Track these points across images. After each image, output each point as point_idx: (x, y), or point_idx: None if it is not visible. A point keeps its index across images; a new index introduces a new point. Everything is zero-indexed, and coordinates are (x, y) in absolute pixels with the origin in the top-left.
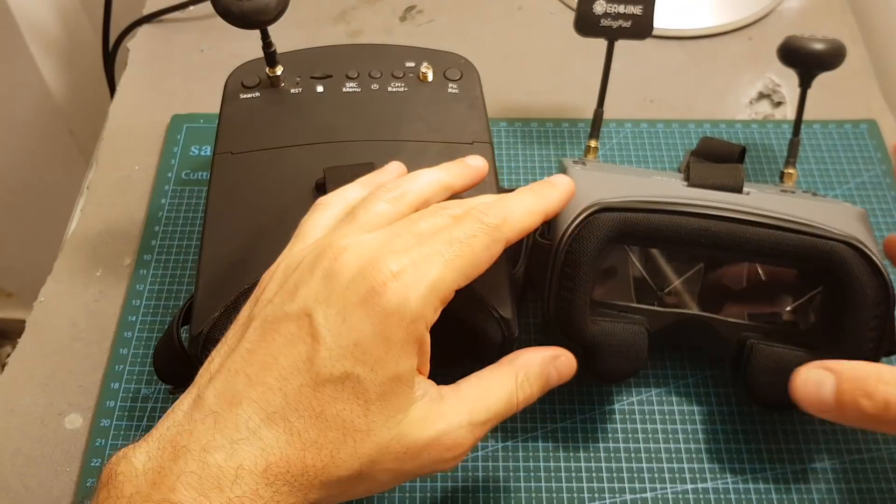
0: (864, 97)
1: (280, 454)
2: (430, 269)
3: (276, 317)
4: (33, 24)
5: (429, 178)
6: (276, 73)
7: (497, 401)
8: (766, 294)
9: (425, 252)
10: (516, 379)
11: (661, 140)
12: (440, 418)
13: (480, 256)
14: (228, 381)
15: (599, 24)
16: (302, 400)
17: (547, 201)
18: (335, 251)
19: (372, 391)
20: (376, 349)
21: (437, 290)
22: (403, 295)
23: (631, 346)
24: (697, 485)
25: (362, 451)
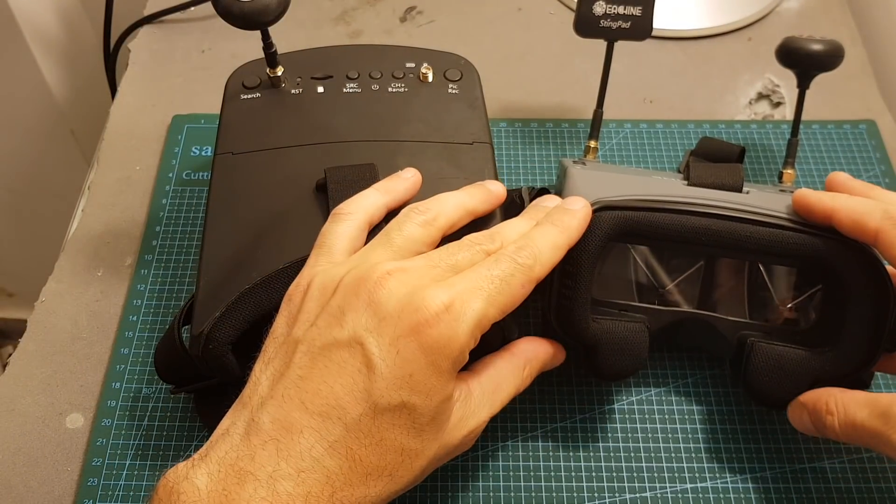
0: (863, 98)
1: (345, 480)
2: (475, 303)
3: (327, 343)
4: (34, 24)
5: (455, 202)
6: (277, 74)
7: (508, 394)
8: (766, 292)
9: (468, 286)
10: (523, 372)
11: (661, 140)
12: (472, 417)
13: (517, 293)
14: (283, 407)
15: (599, 25)
16: (362, 429)
17: (571, 233)
18: (378, 276)
19: (426, 416)
20: (429, 380)
21: (481, 324)
22: (453, 329)
23: (631, 345)
24: (697, 484)
25: (417, 466)
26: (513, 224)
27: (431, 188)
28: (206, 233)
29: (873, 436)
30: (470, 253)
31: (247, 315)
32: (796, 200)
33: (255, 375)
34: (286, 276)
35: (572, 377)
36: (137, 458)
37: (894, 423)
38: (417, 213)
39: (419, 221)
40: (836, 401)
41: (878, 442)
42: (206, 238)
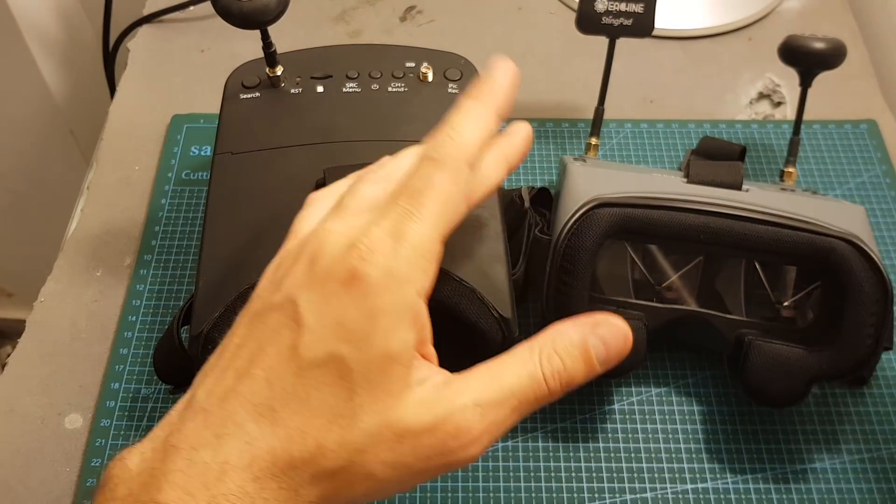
0: (864, 97)
1: (266, 446)
2: (404, 230)
3: (262, 308)
4: (33, 24)
5: (413, 154)
6: (277, 74)
7: (514, 378)
8: (764, 290)
9: (393, 216)
10: (540, 352)
11: (661, 140)
12: (441, 402)
13: (450, 196)
14: (218, 377)
15: (601, 22)
16: (287, 387)
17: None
18: (319, 238)
19: (358, 372)
20: (361, 326)
21: (419, 249)
22: (384, 264)
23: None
24: (697, 485)
25: (349, 440)
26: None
27: None
28: (206, 233)
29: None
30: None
31: None
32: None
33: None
34: None
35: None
36: None
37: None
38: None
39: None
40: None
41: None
42: (206, 238)
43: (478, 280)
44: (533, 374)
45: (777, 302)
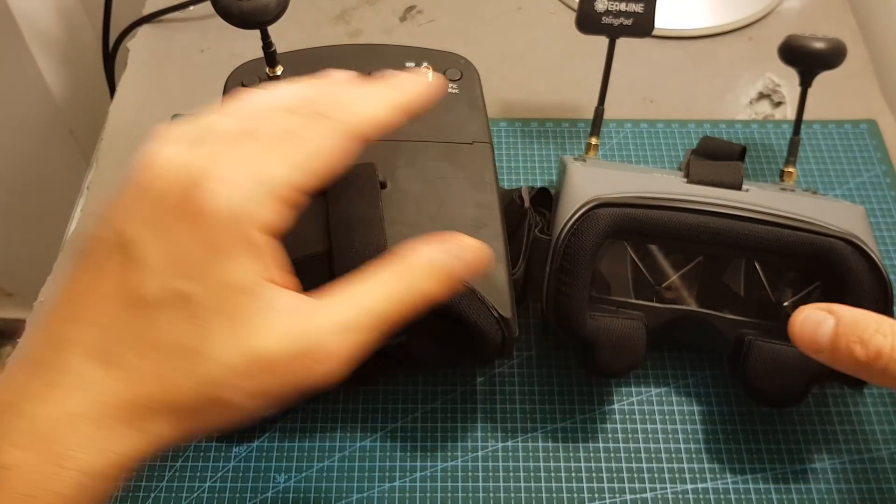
0: (864, 97)
1: (111, 391)
2: (255, 166)
3: (92, 248)
4: (33, 24)
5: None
6: (277, 74)
7: (376, 299)
8: (764, 290)
9: (250, 152)
10: (399, 271)
11: (661, 140)
12: (303, 328)
13: (321, 151)
14: (46, 327)
15: (601, 22)
16: (130, 330)
17: (402, 92)
18: (148, 167)
19: (206, 307)
20: (202, 259)
21: (267, 184)
22: (225, 193)
23: (629, 342)
24: (697, 485)
25: (204, 374)
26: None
27: (431, 189)
28: None
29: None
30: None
31: None
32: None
33: None
34: None
35: (572, 377)
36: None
37: None
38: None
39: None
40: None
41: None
42: None
43: (478, 280)
44: (394, 295)
45: (777, 302)
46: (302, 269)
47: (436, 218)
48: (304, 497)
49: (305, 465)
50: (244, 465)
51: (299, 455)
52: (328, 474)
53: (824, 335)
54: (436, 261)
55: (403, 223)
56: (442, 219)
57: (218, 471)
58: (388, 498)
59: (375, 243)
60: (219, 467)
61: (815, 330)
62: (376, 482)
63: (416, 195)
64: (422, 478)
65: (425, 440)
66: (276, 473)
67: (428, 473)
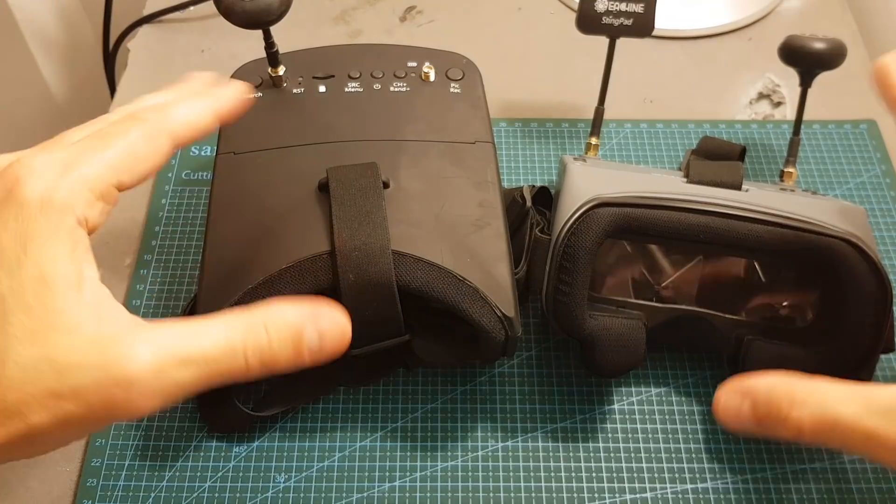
0: (864, 97)
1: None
2: (74, 159)
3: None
4: (33, 24)
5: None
6: (279, 74)
7: (211, 341)
8: (763, 290)
9: (71, 150)
10: (248, 323)
11: (661, 140)
12: (114, 344)
13: (138, 148)
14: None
15: (601, 22)
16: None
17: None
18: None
19: (10, 299)
20: (13, 249)
21: (85, 178)
22: (41, 185)
23: (629, 341)
24: (697, 485)
25: (3, 374)
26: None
27: (434, 188)
28: (208, 233)
29: (867, 438)
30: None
31: None
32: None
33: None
34: (289, 276)
35: (572, 377)
36: (137, 458)
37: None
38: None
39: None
40: (806, 390)
41: (873, 445)
42: (208, 238)
43: (481, 279)
44: (232, 344)
45: (776, 302)
46: (306, 270)
47: (439, 218)
48: (305, 497)
49: (305, 465)
50: (244, 464)
51: (299, 455)
52: (328, 474)
53: (746, 421)
54: (299, 328)
55: (407, 223)
56: (445, 218)
57: (218, 470)
58: (388, 497)
59: (379, 243)
60: (219, 467)
61: (737, 416)
62: (376, 482)
63: (419, 195)
64: (422, 477)
65: (425, 440)
66: (276, 473)
67: (428, 473)
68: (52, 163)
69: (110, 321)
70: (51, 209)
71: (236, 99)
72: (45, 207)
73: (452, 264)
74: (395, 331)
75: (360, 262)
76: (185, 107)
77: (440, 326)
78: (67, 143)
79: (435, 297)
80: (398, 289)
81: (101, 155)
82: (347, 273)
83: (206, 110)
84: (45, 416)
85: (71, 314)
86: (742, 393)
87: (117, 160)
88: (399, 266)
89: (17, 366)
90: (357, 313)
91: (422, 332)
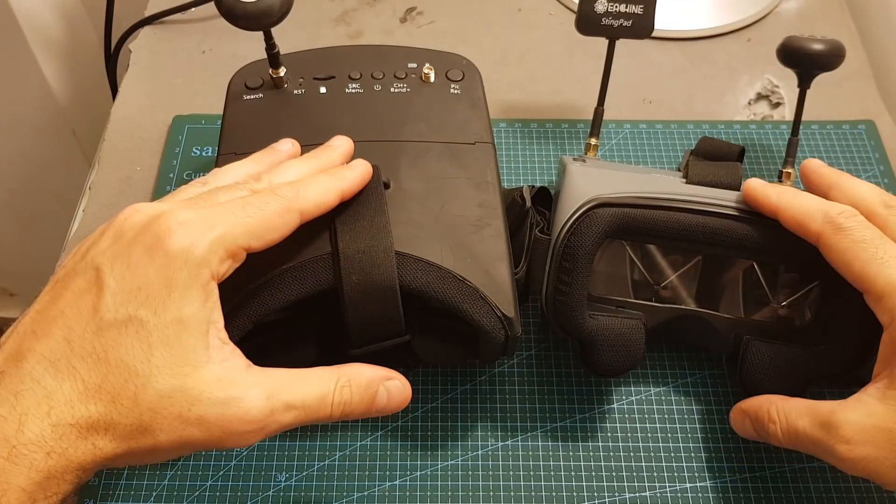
0: (862, 98)
1: (64, 399)
2: (217, 223)
3: (66, 274)
4: (36, 25)
5: (238, 171)
6: (280, 75)
7: (309, 392)
8: (762, 290)
9: (214, 211)
10: (338, 380)
11: (660, 141)
12: (236, 384)
13: (273, 222)
14: (15, 341)
15: (601, 23)
16: (86, 346)
17: (345, 182)
18: (125, 216)
19: (155, 335)
20: (160, 292)
21: (224, 239)
22: (187, 240)
23: (628, 341)
24: (696, 483)
25: (143, 398)
26: (290, 166)
27: (434, 189)
28: None
29: (815, 445)
30: (234, 192)
31: (250, 316)
32: (745, 191)
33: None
34: (289, 276)
35: (572, 377)
36: None
37: (834, 433)
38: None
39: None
40: (778, 409)
41: (820, 451)
42: None
43: (481, 280)
44: (324, 396)
45: (775, 302)
46: (307, 271)
47: (439, 218)
48: (305, 495)
49: (306, 464)
50: (245, 463)
51: (300, 454)
52: (329, 473)
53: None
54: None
55: (407, 223)
56: (445, 219)
57: (219, 469)
58: (388, 496)
59: (383, 246)
60: (220, 466)
61: (743, 429)
62: (377, 481)
63: (419, 195)
64: (422, 476)
65: (425, 439)
66: (276, 472)
67: (428, 472)
68: (197, 220)
69: (231, 364)
70: (192, 261)
71: (361, 183)
72: (188, 259)
73: (452, 265)
74: (395, 331)
75: (364, 264)
76: (317, 187)
77: (440, 326)
78: (213, 202)
79: (435, 297)
80: (399, 289)
81: (240, 221)
82: (350, 275)
83: (334, 193)
84: (171, 436)
85: (200, 354)
86: (742, 413)
87: (253, 227)
88: (400, 267)
89: (156, 392)
90: (358, 314)
91: (422, 332)
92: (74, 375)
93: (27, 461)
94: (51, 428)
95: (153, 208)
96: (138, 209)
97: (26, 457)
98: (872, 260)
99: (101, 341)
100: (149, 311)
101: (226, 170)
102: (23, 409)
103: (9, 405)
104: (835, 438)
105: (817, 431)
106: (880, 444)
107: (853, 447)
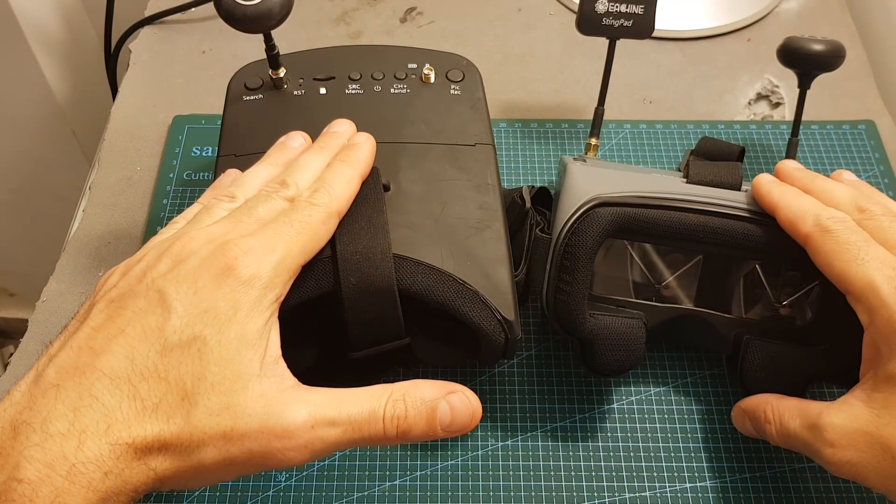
0: (862, 98)
1: (122, 417)
2: (277, 246)
3: (123, 295)
4: (36, 25)
5: (259, 176)
6: (279, 75)
7: (356, 407)
8: (762, 290)
9: (270, 234)
10: (390, 395)
11: (660, 141)
12: (278, 400)
13: (319, 232)
14: (71, 355)
15: (601, 23)
16: (148, 365)
17: (360, 166)
18: (182, 241)
19: (216, 352)
20: (226, 313)
21: (285, 263)
22: (255, 267)
23: (628, 340)
24: (696, 483)
25: (193, 416)
26: (306, 163)
27: (434, 191)
28: None
29: (805, 446)
30: (270, 203)
31: None
32: (753, 184)
33: (50, 344)
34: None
35: (572, 377)
36: None
37: (820, 436)
38: (221, 198)
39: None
40: (773, 408)
41: (809, 453)
42: None
43: (481, 283)
44: (374, 411)
45: (775, 301)
46: (306, 272)
47: (439, 220)
48: (305, 495)
49: (306, 464)
50: None
51: None
52: (328, 473)
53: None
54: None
55: (407, 226)
56: (445, 221)
57: None
58: (388, 496)
59: (381, 248)
60: None
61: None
62: (376, 481)
63: (420, 197)
64: (422, 476)
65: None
66: (276, 472)
67: (428, 472)
68: (258, 247)
69: (278, 381)
70: (259, 286)
71: (372, 159)
72: (255, 284)
73: (452, 268)
74: (395, 333)
75: (362, 266)
76: (342, 182)
77: (440, 328)
78: (258, 218)
79: (435, 300)
80: (398, 292)
81: (294, 240)
82: (349, 277)
83: (356, 180)
84: (215, 454)
85: (254, 368)
86: (742, 412)
87: (305, 244)
88: (399, 270)
89: (206, 409)
90: (358, 317)
91: (421, 334)
92: (134, 394)
93: (85, 480)
94: (109, 447)
95: (213, 236)
96: (194, 237)
97: (85, 476)
98: (853, 261)
99: (164, 361)
100: (213, 330)
101: (247, 177)
102: (82, 427)
103: (68, 421)
104: (820, 441)
105: (806, 433)
106: (863, 448)
107: (837, 451)
